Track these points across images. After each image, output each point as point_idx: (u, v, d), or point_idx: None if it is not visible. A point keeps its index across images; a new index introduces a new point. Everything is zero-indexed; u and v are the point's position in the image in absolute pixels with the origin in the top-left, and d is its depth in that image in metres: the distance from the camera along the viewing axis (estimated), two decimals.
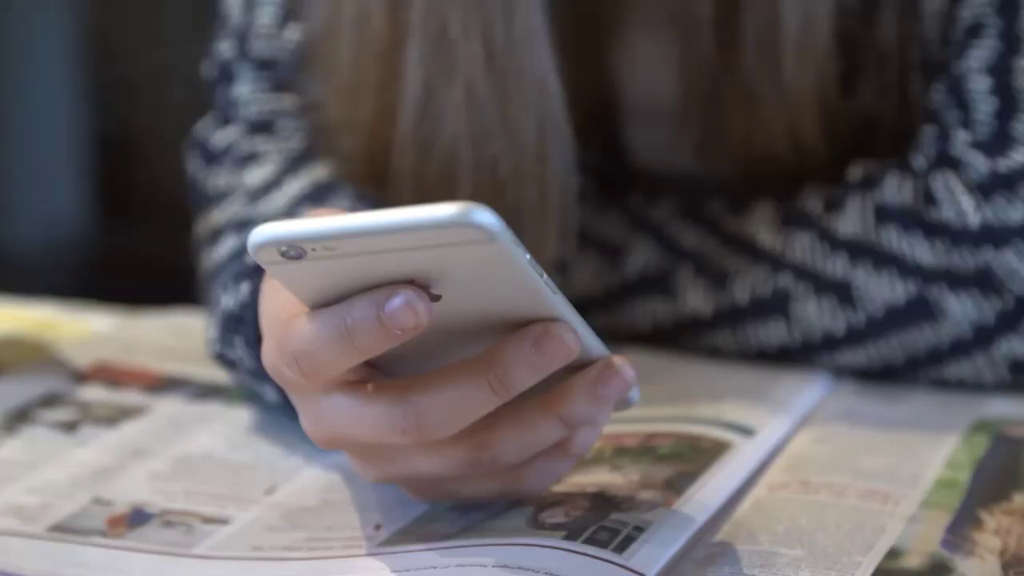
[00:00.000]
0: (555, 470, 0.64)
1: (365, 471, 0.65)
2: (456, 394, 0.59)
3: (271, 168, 0.86)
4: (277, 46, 0.89)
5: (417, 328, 0.57)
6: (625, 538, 0.62)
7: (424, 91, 0.79)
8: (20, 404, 0.80)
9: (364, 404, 0.60)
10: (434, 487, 0.65)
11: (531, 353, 0.59)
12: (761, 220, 0.83)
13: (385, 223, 0.54)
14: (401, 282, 0.57)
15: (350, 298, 0.58)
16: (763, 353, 0.83)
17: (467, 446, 0.61)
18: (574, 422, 0.62)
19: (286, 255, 0.56)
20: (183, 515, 0.68)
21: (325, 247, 0.55)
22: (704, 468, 0.69)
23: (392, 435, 0.60)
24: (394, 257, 0.56)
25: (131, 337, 0.90)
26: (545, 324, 0.59)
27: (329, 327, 0.58)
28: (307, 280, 0.58)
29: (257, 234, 0.56)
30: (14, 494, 0.70)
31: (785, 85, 0.82)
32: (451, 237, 0.55)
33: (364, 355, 0.58)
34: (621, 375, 0.62)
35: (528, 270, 0.57)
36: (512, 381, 0.59)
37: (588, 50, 0.86)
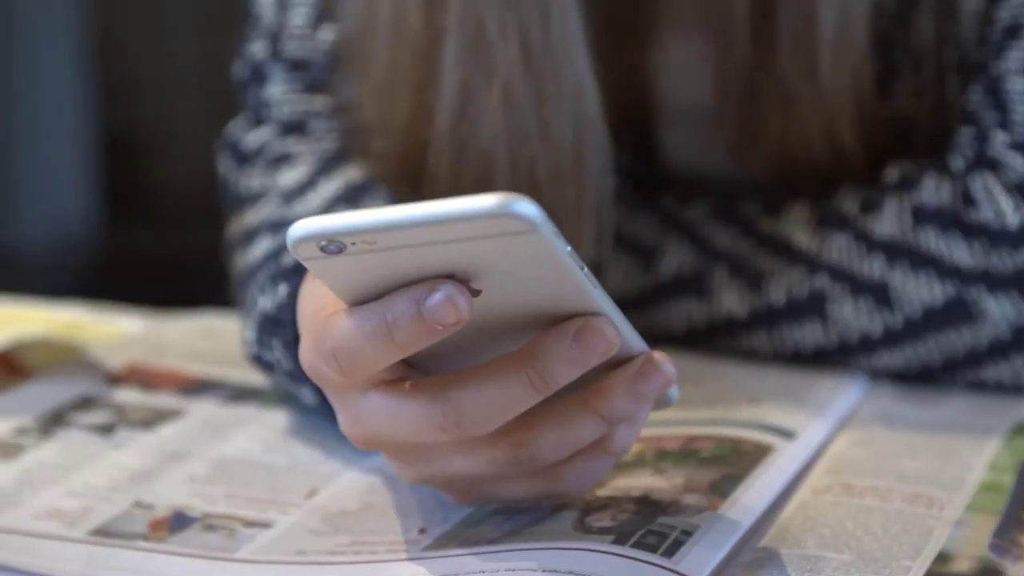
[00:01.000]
0: (594, 470, 0.64)
1: (403, 472, 0.64)
2: (495, 390, 0.58)
3: (304, 169, 0.85)
4: (310, 47, 0.89)
5: (458, 323, 0.57)
6: (674, 542, 0.61)
7: (461, 92, 0.78)
8: (54, 407, 0.79)
9: (402, 402, 0.60)
10: (472, 488, 0.64)
11: (571, 348, 0.58)
12: (796, 221, 0.83)
13: (426, 215, 0.54)
14: (441, 277, 0.57)
15: (390, 294, 0.57)
16: (799, 355, 0.82)
17: (505, 445, 0.61)
18: (614, 419, 0.61)
19: (326, 250, 0.55)
20: (224, 519, 0.68)
21: (365, 241, 0.55)
22: (747, 471, 0.69)
23: (431, 433, 0.59)
24: (434, 250, 0.55)
25: (161, 339, 0.90)
26: (585, 318, 0.59)
27: (369, 324, 0.57)
28: (346, 275, 0.57)
29: (296, 229, 0.55)
30: (53, 497, 0.69)
31: (821, 86, 0.82)
32: (492, 228, 0.54)
33: (404, 352, 0.58)
34: (661, 371, 0.61)
35: (568, 262, 0.56)
36: (552, 376, 0.58)
37: (622, 52, 0.86)
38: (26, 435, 0.76)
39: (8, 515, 0.68)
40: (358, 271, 0.57)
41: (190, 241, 3.30)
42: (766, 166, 0.85)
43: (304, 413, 0.78)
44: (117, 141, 3.46)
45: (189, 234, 3.35)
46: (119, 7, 3.46)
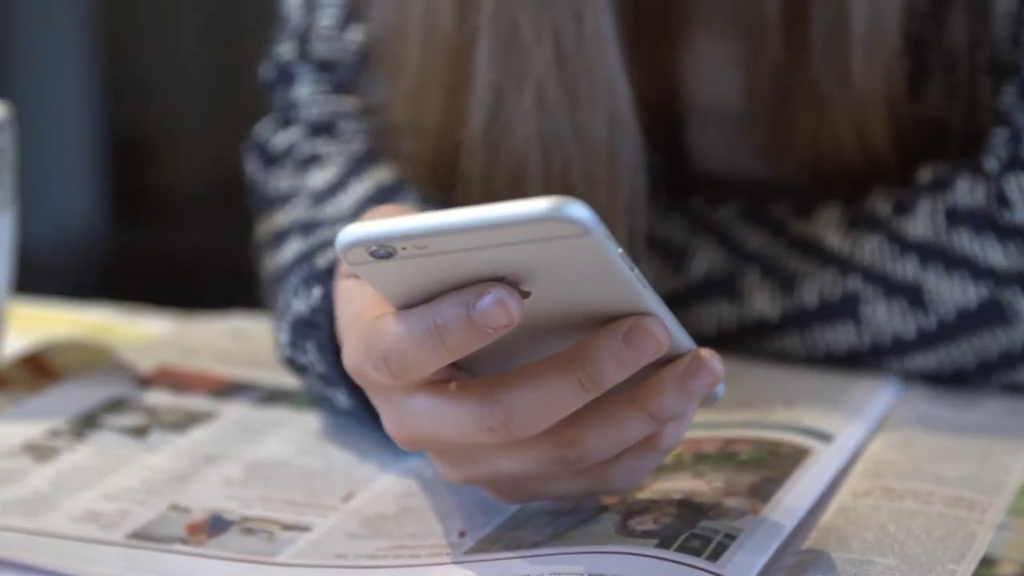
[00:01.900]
0: (642, 467, 0.63)
1: (447, 472, 0.64)
2: (544, 391, 0.58)
3: (334, 170, 0.85)
4: (338, 47, 0.89)
5: (508, 326, 0.56)
6: (717, 546, 0.61)
7: (493, 94, 0.78)
8: (86, 409, 0.79)
9: (449, 403, 0.60)
10: (518, 487, 0.64)
11: (621, 348, 0.58)
12: (828, 222, 0.83)
13: (477, 220, 0.54)
14: (490, 280, 0.56)
15: (439, 297, 0.57)
16: (831, 357, 0.82)
17: (553, 444, 0.60)
18: (663, 416, 0.61)
19: (376, 255, 0.55)
20: (263, 522, 0.67)
21: (416, 246, 0.55)
22: (787, 474, 0.68)
23: (478, 434, 0.59)
24: (484, 254, 0.55)
25: (190, 341, 0.89)
26: (635, 318, 0.58)
27: (419, 327, 0.57)
28: (395, 279, 0.57)
29: (346, 234, 0.55)
30: (90, 500, 0.69)
31: (853, 87, 0.81)
32: (544, 232, 0.54)
33: (454, 355, 0.58)
34: (710, 368, 0.61)
35: (620, 264, 0.56)
36: (601, 377, 0.58)
37: (651, 53, 0.85)
38: (59, 437, 0.76)
39: (44, 518, 0.67)
40: (408, 275, 0.56)
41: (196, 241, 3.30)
42: (797, 168, 0.85)
43: (337, 415, 0.78)
44: (123, 141, 3.46)
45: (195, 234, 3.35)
46: (125, 7, 3.46)
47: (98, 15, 3.37)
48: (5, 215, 0.81)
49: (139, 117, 3.52)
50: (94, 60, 3.37)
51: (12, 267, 0.83)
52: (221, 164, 3.52)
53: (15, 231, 0.82)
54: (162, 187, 3.53)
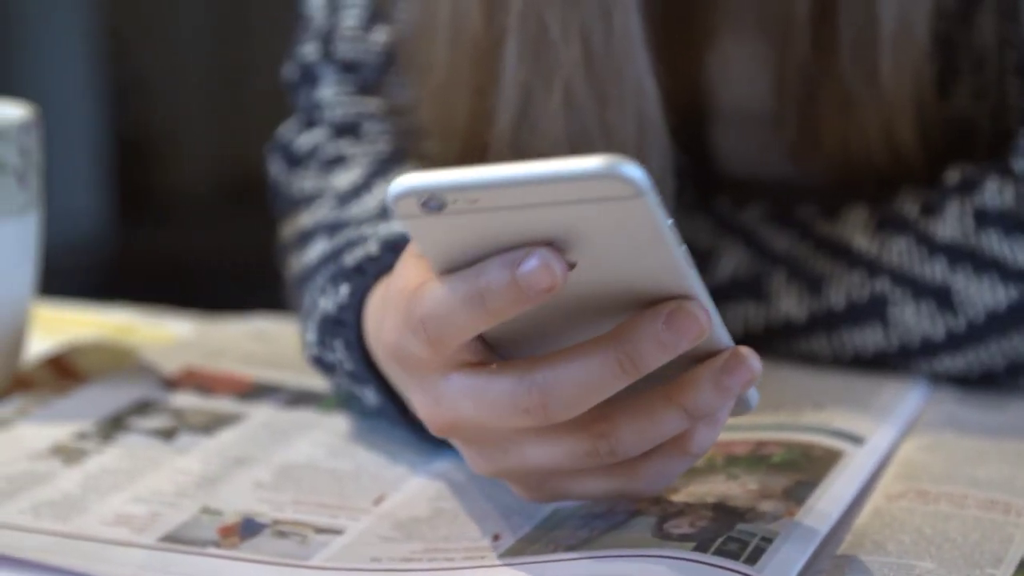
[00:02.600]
0: (671, 469, 0.63)
1: (476, 463, 0.63)
2: (583, 371, 0.58)
3: (359, 171, 0.85)
4: (362, 48, 0.88)
5: (551, 289, 0.56)
6: (755, 549, 0.61)
7: (521, 94, 0.78)
8: (113, 411, 0.79)
9: (487, 382, 0.59)
10: (545, 483, 0.63)
11: (662, 330, 0.57)
12: (856, 224, 0.82)
13: (531, 174, 0.53)
14: (535, 244, 0.56)
15: (483, 261, 0.57)
16: (858, 359, 0.82)
17: (585, 435, 0.60)
18: (698, 413, 0.60)
19: (427, 206, 0.55)
20: (295, 525, 0.67)
21: (467, 199, 0.54)
22: (820, 477, 0.68)
23: (515, 415, 0.59)
24: (533, 214, 0.55)
25: (214, 342, 0.89)
26: (678, 301, 0.58)
27: (461, 290, 0.57)
28: (442, 237, 0.56)
29: (398, 184, 0.55)
30: (120, 503, 0.69)
31: (882, 87, 0.81)
32: (596, 191, 0.53)
33: (496, 318, 0.57)
34: (748, 365, 0.60)
35: (668, 236, 0.55)
36: (641, 358, 0.57)
37: (678, 54, 0.85)
38: (87, 440, 0.75)
39: (76, 521, 0.67)
40: (455, 234, 0.56)
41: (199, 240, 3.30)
42: (825, 168, 0.85)
43: (365, 417, 0.78)
44: (127, 141, 3.46)
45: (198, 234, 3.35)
46: (130, 7, 3.46)
47: (102, 15, 3.37)
48: (31, 216, 0.81)
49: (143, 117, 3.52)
50: (99, 61, 3.37)
51: (38, 269, 0.82)
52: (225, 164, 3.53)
53: (41, 233, 0.82)
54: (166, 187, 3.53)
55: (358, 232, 0.79)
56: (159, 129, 3.54)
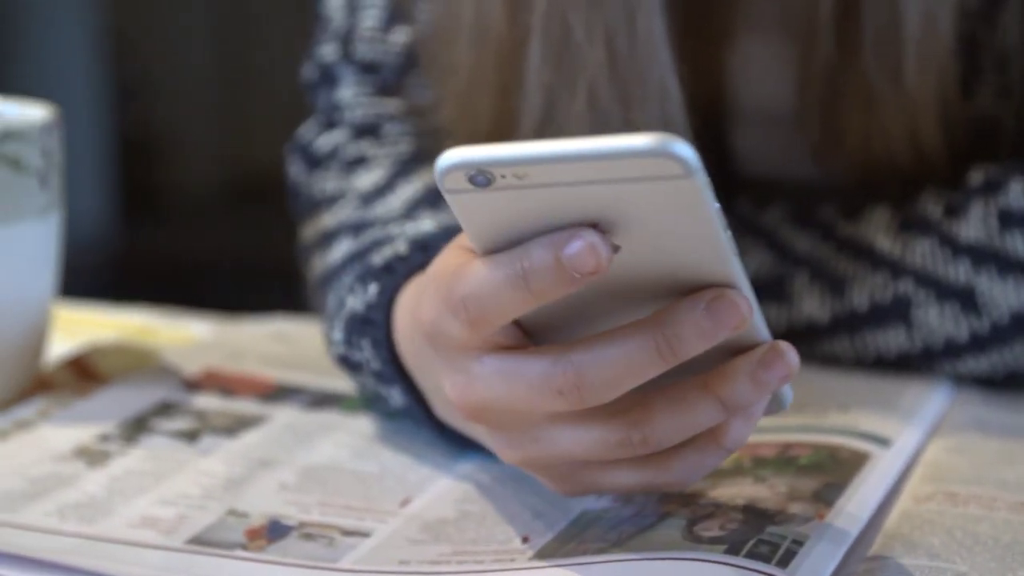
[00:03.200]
0: (704, 463, 0.62)
1: (506, 451, 0.63)
2: (620, 354, 0.57)
3: (381, 172, 0.85)
4: (382, 49, 0.88)
5: (596, 272, 0.55)
6: (786, 552, 0.61)
7: (546, 96, 0.78)
8: (135, 413, 0.79)
9: (521, 363, 0.58)
10: (575, 474, 0.63)
11: (703, 317, 0.57)
12: (878, 225, 0.82)
13: (581, 150, 0.53)
14: (580, 226, 0.55)
15: (526, 242, 0.56)
16: (881, 360, 0.82)
17: (619, 423, 0.59)
18: (733, 405, 0.59)
19: (474, 180, 0.54)
20: (322, 527, 0.67)
21: (515, 174, 0.54)
22: (849, 479, 0.68)
23: (549, 397, 0.58)
24: (580, 193, 0.54)
25: (235, 344, 0.89)
26: (719, 289, 0.57)
27: (504, 270, 0.56)
28: (487, 214, 0.56)
29: (447, 157, 0.54)
30: (146, 505, 0.69)
31: (905, 87, 0.81)
32: (645, 170, 0.53)
33: (538, 300, 0.56)
34: (786, 359, 0.59)
35: (715, 219, 0.55)
36: (680, 344, 0.57)
37: (699, 55, 0.85)
38: (110, 442, 0.75)
39: (102, 523, 0.67)
40: (500, 210, 0.55)
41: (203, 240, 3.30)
42: (847, 169, 0.84)
43: (389, 419, 0.78)
44: (131, 141, 3.46)
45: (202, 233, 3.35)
46: (133, 8, 3.46)
47: (106, 15, 3.37)
48: (53, 217, 0.80)
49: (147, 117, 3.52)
50: (103, 61, 3.37)
51: (59, 270, 0.82)
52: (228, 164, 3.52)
53: (62, 234, 0.82)
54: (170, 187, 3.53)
55: (384, 232, 0.79)
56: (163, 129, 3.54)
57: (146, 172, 3.50)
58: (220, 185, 3.55)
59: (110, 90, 3.39)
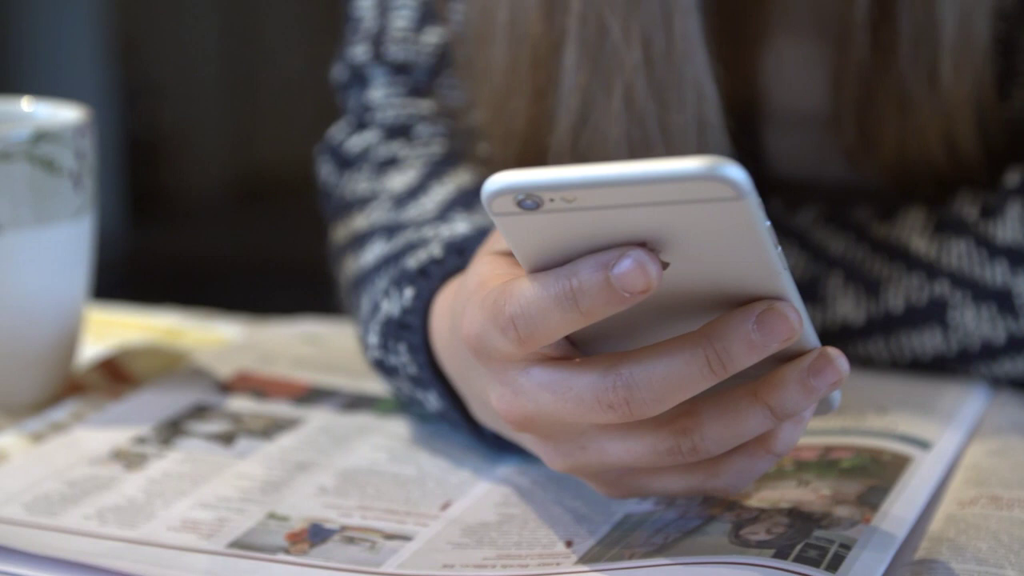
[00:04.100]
0: (753, 469, 0.62)
1: (552, 459, 0.63)
2: (670, 368, 0.57)
3: (413, 173, 0.84)
4: (413, 50, 0.88)
5: (646, 291, 0.55)
6: (834, 556, 0.60)
7: (582, 98, 0.77)
8: (170, 415, 0.78)
9: (569, 377, 0.58)
10: (623, 479, 0.63)
11: (753, 330, 0.56)
12: (913, 226, 0.82)
13: (632, 174, 0.52)
14: (629, 245, 0.55)
15: (576, 260, 0.56)
16: (916, 362, 0.81)
17: (668, 432, 0.59)
18: (783, 412, 0.59)
19: (522, 205, 0.54)
20: (363, 531, 0.66)
21: (565, 198, 0.53)
22: (892, 482, 0.68)
23: (597, 411, 0.58)
24: (629, 214, 0.54)
25: (265, 346, 0.88)
26: (769, 301, 0.57)
27: (553, 289, 0.56)
28: (534, 236, 0.56)
29: (495, 181, 0.54)
30: (186, 508, 0.68)
31: (941, 89, 0.80)
32: (696, 193, 0.52)
33: (587, 319, 0.56)
34: (835, 366, 0.59)
35: (766, 237, 0.55)
36: (730, 358, 0.57)
37: (733, 56, 0.84)
38: (146, 444, 0.75)
39: (143, 527, 0.67)
40: (547, 232, 0.55)
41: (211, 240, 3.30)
42: (881, 170, 0.84)
43: (424, 422, 0.77)
44: (139, 142, 3.45)
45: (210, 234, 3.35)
46: (141, 10, 3.45)
47: (114, 17, 3.37)
48: (86, 219, 0.80)
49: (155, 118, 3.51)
50: (110, 62, 3.37)
51: (92, 272, 0.82)
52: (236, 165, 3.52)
53: (95, 235, 0.81)
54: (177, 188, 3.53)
55: (419, 235, 0.78)
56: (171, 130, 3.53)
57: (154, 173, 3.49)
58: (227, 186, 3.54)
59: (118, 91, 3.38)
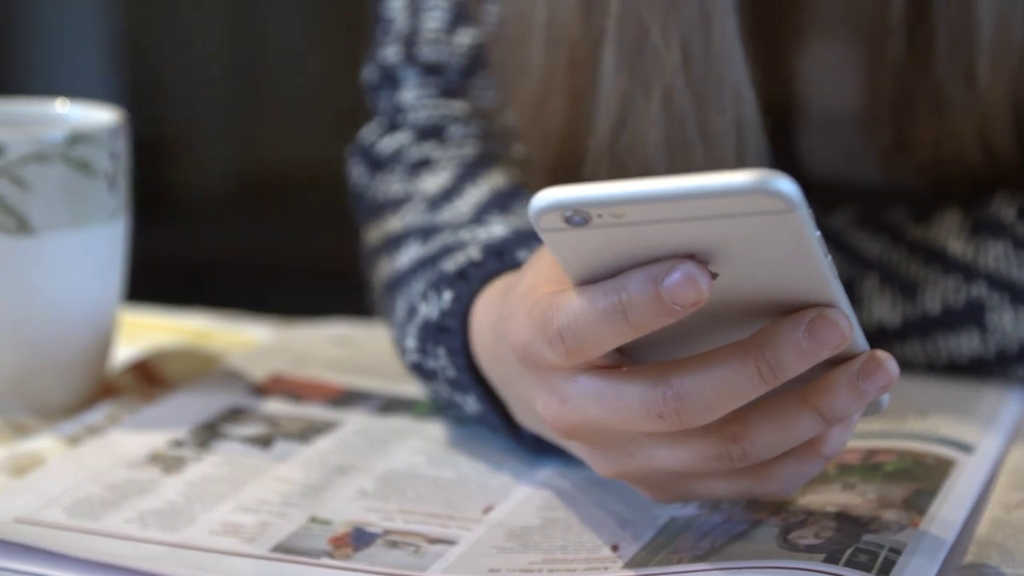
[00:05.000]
0: (803, 473, 0.62)
1: (599, 465, 0.62)
2: (720, 378, 0.56)
3: (446, 175, 0.84)
4: (446, 51, 0.87)
5: (697, 304, 0.55)
6: (885, 561, 0.60)
7: (621, 100, 0.77)
8: (206, 419, 0.78)
9: (618, 386, 0.58)
10: (671, 484, 0.62)
11: (804, 338, 0.56)
12: (950, 228, 0.81)
13: (681, 189, 0.52)
14: (678, 257, 0.55)
15: (624, 273, 0.56)
16: (953, 365, 0.81)
17: (717, 438, 0.59)
18: (833, 417, 0.59)
19: (570, 221, 0.54)
20: (407, 535, 0.66)
21: (613, 213, 0.53)
22: (937, 486, 0.67)
23: (647, 420, 0.57)
24: (678, 228, 0.54)
25: (298, 348, 0.88)
26: (819, 309, 0.57)
27: (602, 302, 0.56)
28: (582, 251, 0.56)
29: (543, 198, 0.54)
30: (227, 512, 0.68)
31: (978, 89, 0.80)
32: (747, 206, 0.52)
33: (636, 333, 0.56)
34: (885, 369, 0.59)
35: (816, 248, 0.54)
36: (781, 366, 0.56)
37: (768, 58, 0.84)
38: (184, 448, 0.75)
39: (185, 531, 0.66)
40: (596, 247, 0.55)
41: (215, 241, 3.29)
42: (917, 172, 0.84)
43: (461, 424, 0.77)
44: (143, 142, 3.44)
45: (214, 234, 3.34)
46: (145, 9, 3.45)
47: (119, 17, 3.36)
48: (120, 221, 0.80)
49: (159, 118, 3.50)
50: (115, 62, 3.36)
51: (126, 274, 0.81)
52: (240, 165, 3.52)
53: (130, 238, 0.81)
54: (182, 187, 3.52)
55: (455, 237, 0.78)
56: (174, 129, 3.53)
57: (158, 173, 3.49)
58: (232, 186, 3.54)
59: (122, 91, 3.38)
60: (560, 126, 0.79)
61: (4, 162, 0.75)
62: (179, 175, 3.51)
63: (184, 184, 3.51)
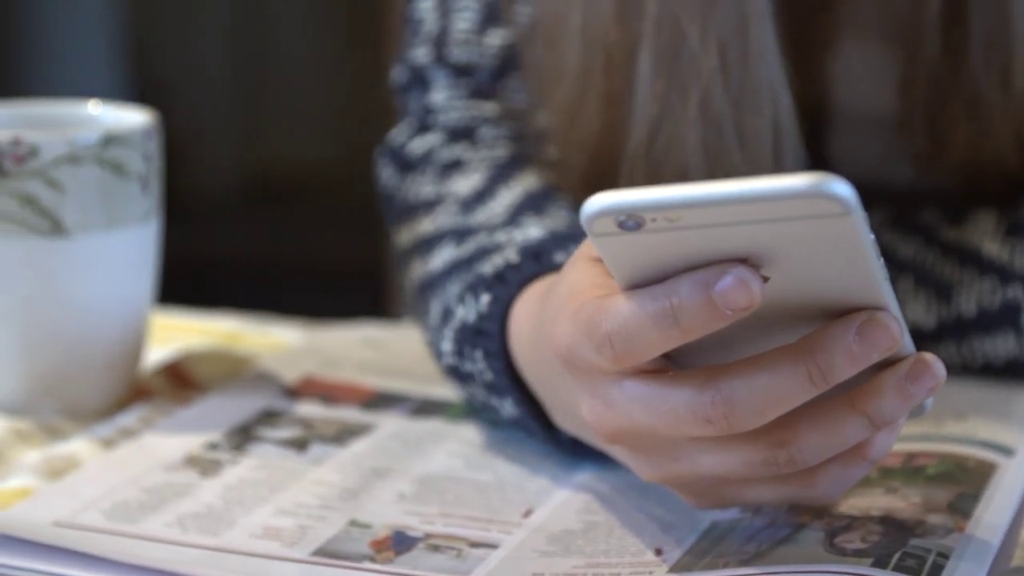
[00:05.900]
0: (849, 477, 0.61)
1: (643, 469, 0.62)
2: (770, 382, 0.56)
3: (478, 177, 0.84)
4: (476, 52, 0.87)
5: (749, 308, 0.54)
6: (933, 565, 0.59)
7: (658, 104, 0.76)
8: (240, 421, 0.78)
9: (666, 391, 0.57)
10: (715, 489, 0.62)
11: (854, 341, 0.56)
12: (985, 230, 0.81)
13: (737, 193, 0.52)
14: (729, 261, 0.55)
15: (674, 277, 0.55)
16: (989, 367, 0.81)
17: (764, 444, 0.58)
18: (880, 420, 0.58)
19: (624, 226, 0.53)
20: (448, 539, 0.66)
21: (667, 218, 0.53)
22: (980, 489, 0.67)
23: (694, 425, 0.57)
24: (731, 232, 0.53)
25: (328, 350, 0.88)
26: (870, 312, 0.56)
27: (652, 307, 0.55)
28: (633, 255, 0.55)
29: (596, 203, 0.53)
30: (266, 516, 0.68)
31: (1013, 89, 0.80)
32: (802, 210, 0.52)
33: (687, 337, 0.56)
34: (933, 371, 0.58)
35: (870, 251, 0.54)
36: (832, 370, 0.56)
37: (801, 60, 0.84)
38: (219, 451, 0.74)
39: (225, 535, 0.66)
40: (647, 251, 0.55)
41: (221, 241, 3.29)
42: (952, 173, 0.83)
43: (497, 428, 0.77)
44: None
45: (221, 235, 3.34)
46: (151, 10, 3.44)
47: (125, 18, 3.36)
48: (153, 223, 0.79)
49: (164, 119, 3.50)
50: (120, 63, 3.36)
51: (158, 276, 0.81)
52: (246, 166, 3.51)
53: (162, 239, 0.81)
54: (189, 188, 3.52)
55: (491, 239, 0.78)
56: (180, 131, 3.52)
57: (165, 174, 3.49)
58: (238, 187, 3.54)
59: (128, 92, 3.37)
60: (596, 129, 0.79)
61: (38, 164, 0.75)
62: (185, 176, 3.51)
63: (189, 185, 3.51)
